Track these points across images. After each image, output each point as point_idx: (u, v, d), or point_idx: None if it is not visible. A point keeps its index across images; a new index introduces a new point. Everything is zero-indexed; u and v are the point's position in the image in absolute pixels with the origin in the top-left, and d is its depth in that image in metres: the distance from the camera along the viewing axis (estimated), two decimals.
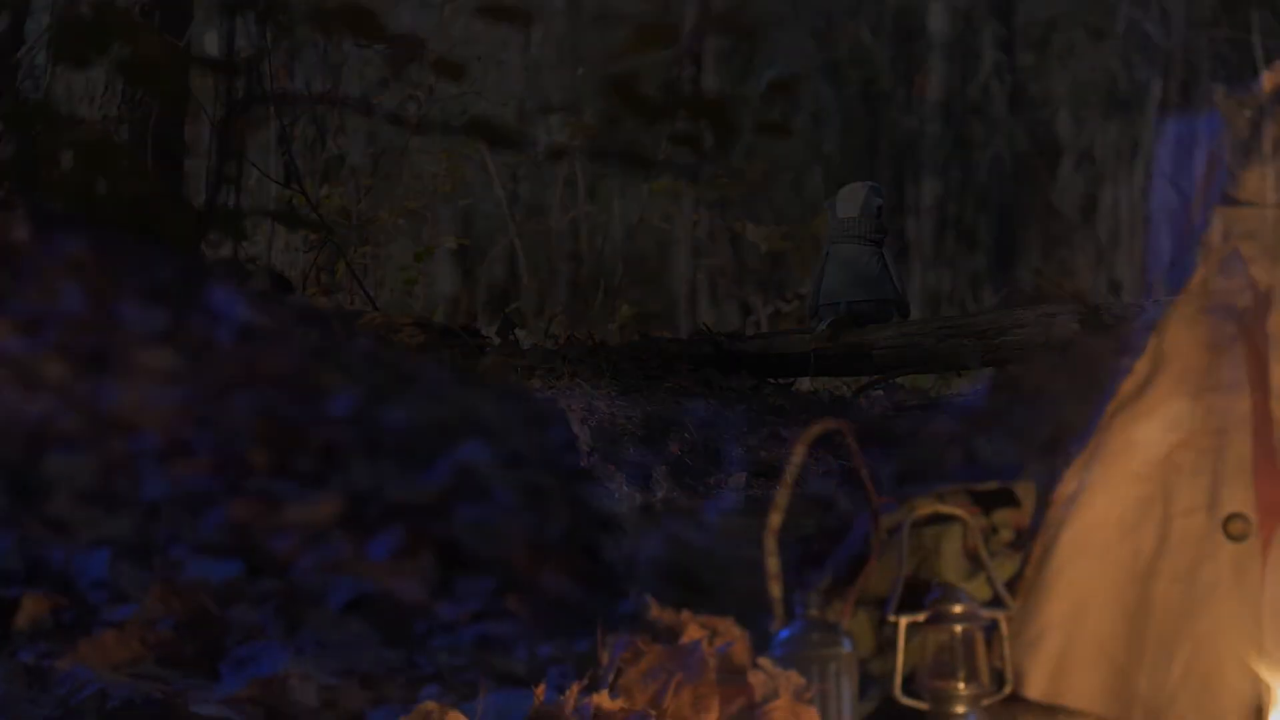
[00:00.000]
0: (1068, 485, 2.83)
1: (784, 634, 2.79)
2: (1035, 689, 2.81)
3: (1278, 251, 2.75)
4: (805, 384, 6.08)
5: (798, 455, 2.91)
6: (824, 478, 4.05)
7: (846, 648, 2.77)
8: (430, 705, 2.12)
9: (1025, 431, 4.55)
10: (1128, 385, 2.81)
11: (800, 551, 3.35)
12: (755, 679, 2.60)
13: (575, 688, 2.22)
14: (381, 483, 4.20)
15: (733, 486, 4.27)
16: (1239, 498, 2.72)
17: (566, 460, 4.52)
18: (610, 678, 2.50)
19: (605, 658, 2.58)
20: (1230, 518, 2.72)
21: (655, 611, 2.73)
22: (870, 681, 2.85)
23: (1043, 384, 4.60)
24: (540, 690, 2.27)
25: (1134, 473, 2.79)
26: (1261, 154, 2.73)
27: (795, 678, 2.64)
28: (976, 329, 5.78)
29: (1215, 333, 2.76)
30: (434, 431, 4.69)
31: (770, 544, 2.91)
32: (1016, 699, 2.82)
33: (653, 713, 2.29)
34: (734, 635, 2.70)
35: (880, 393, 5.13)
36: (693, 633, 2.60)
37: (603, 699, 2.27)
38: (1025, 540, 2.87)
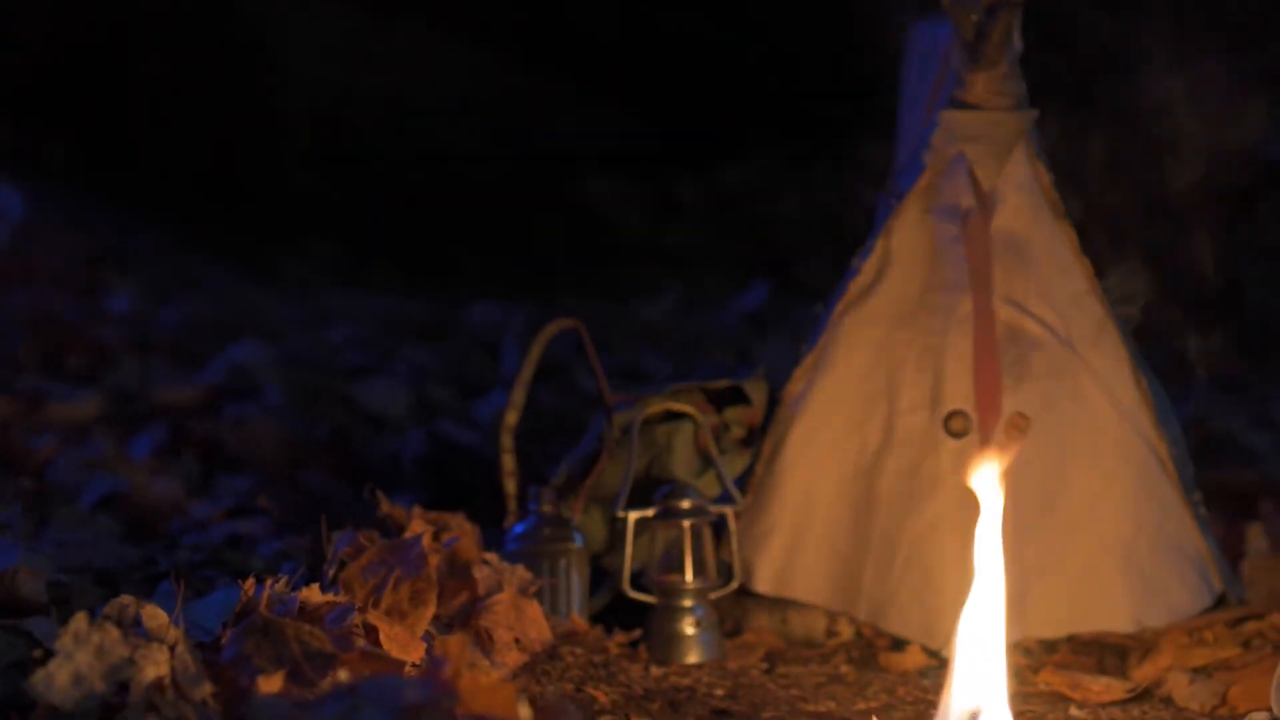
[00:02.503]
0: (796, 384, 2.87)
1: (517, 529, 2.83)
2: (764, 583, 2.86)
3: (1001, 155, 2.80)
4: None
5: (533, 353, 2.93)
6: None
7: (578, 543, 2.81)
8: (126, 599, 2.12)
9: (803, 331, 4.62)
10: (855, 285, 2.86)
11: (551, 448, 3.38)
12: (479, 573, 2.63)
13: (270, 581, 2.23)
14: (151, 381, 4.19)
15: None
16: (960, 395, 2.78)
17: (345, 359, 4.52)
18: (330, 572, 2.52)
19: (330, 553, 2.59)
20: (951, 415, 2.78)
21: (385, 507, 2.75)
22: (603, 576, 2.89)
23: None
24: (249, 584, 2.27)
25: (860, 371, 2.85)
26: (986, 58, 2.77)
27: (522, 572, 2.67)
28: None
29: (939, 234, 2.81)
30: (212, 331, 4.68)
31: (506, 441, 2.94)
32: (746, 593, 2.87)
33: (358, 603, 2.31)
34: (464, 531, 2.73)
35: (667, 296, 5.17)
36: (415, 528, 2.62)
37: (311, 593, 2.27)
38: (756, 438, 2.92)
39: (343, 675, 1.79)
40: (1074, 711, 2.55)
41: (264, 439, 3.77)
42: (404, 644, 2.31)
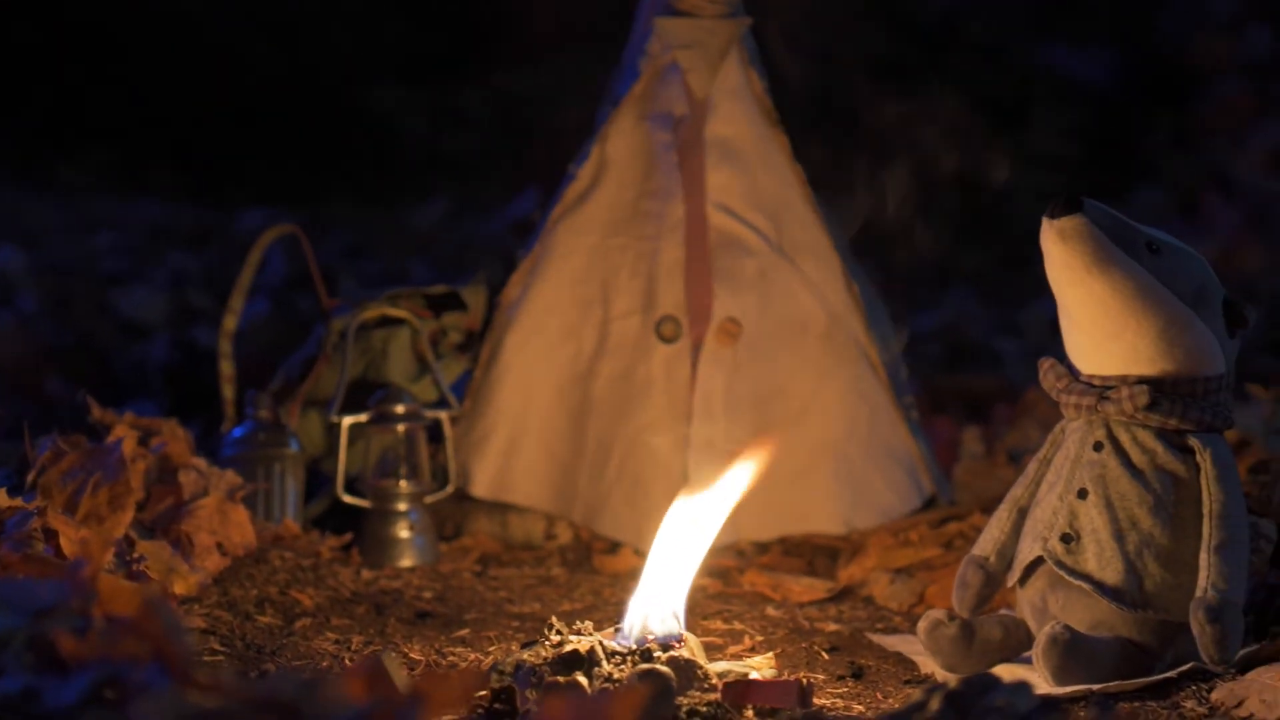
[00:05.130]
0: (513, 289, 2.89)
1: (234, 434, 2.83)
2: (482, 487, 2.89)
3: (714, 62, 2.82)
4: None
5: (251, 258, 2.92)
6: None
7: (293, 448, 2.81)
8: None
9: None
10: (571, 191, 2.87)
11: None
12: (186, 478, 2.63)
13: None
14: None
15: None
16: (671, 301, 2.81)
17: (105, 265, 4.48)
18: (31, 477, 2.51)
19: (33, 458, 2.58)
20: (662, 320, 2.81)
21: (96, 413, 2.74)
22: (321, 481, 2.90)
23: None
24: None
25: (575, 277, 2.87)
26: None
27: (231, 477, 2.67)
28: None
29: (654, 140, 2.83)
30: None
31: (223, 346, 2.93)
32: (467, 497, 2.89)
33: (53, 508, 2.30)
34: (175, 436, 2.72)
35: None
36: (119, 432, 2.61)
37: None
38: (474, 343, 2.93)
39: None
40: (771, 611, 2.60)
41: (8, 345, 3.73)
42: (90, 548, 2.30)
